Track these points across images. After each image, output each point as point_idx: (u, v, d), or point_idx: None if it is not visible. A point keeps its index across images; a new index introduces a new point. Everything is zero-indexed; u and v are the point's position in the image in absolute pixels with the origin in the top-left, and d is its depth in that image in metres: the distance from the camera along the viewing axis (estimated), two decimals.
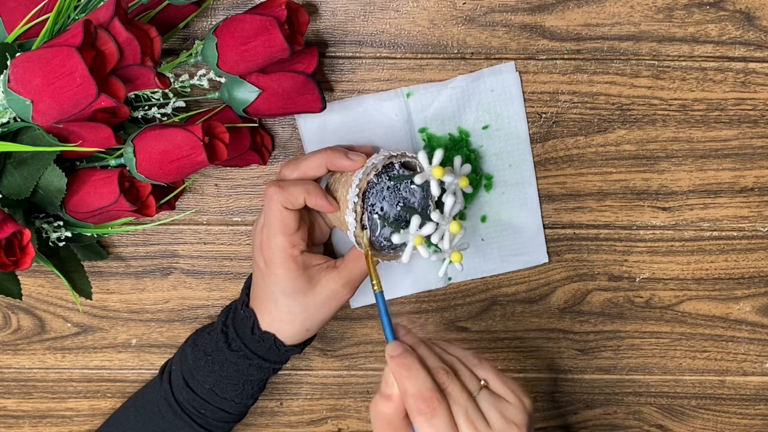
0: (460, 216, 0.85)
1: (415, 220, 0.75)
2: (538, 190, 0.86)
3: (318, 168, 0.78)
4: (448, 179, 0.75)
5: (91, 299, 0.85)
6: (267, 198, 0.78)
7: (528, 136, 0.85)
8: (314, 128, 0.84)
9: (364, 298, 0.89)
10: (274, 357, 0.81)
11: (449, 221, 0.76)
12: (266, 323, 0.80)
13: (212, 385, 0.81)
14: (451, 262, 0.77)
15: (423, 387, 0.70)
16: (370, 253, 0.76)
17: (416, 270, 0.88)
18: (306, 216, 0.81)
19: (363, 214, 0.76)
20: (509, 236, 0.87)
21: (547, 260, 0.88)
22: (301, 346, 0.82)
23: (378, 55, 0.83)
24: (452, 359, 0.74)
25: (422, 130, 0.84)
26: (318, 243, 0.84)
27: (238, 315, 0.82)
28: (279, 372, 0.91)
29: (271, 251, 0.78)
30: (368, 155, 0.78)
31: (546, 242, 0.87)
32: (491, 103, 0.84)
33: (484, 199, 0.86)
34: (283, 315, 0.80)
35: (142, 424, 0.84)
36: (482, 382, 0.72)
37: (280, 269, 0.78)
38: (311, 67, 0.78)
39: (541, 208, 0.86)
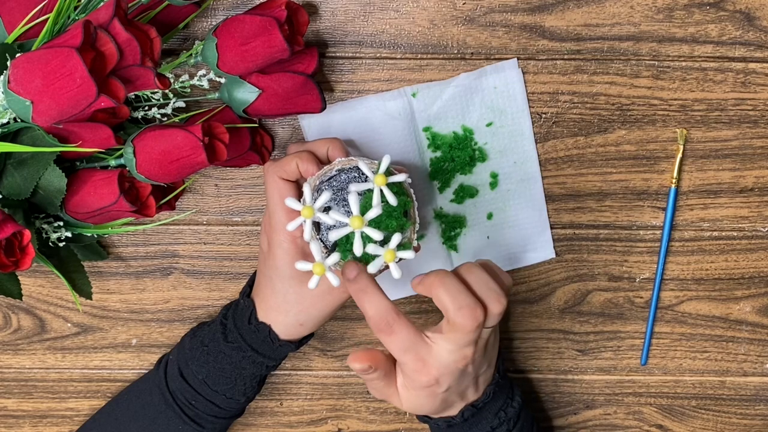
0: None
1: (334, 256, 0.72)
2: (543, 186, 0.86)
3: (321, 149, 0.79)
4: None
5: (91, 299, 0.85)
6: (264, 174, 0.79)
7: (532, 132, 0.85)
8: (317, 129, 0.83)
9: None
10: (268, 351, 0.81)
11: (355, 223, 0.71)
12: (263, 313, 0.80)
13: (205, 376, 0.81)
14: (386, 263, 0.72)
15: (381, 307, 0.72)
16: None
17: (417, 272, 0.88)
18: None
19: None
20: (516, 233, 0.87)
21: (554, 255, 0.88)
22: (296, 344, 0.82)
23: (378, 55, 0.83)
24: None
25: (426, 129, 0.84)
26: None
27: (239, 306, 0.82)
28: (276, 371, 0.91)
29: (272, 229, 0.78)
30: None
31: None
32: (495, 100, 0.84)
33: (489, 197, 0.86)
34: (279, 303, 0.79)
35: (134, 413, 0.84)
36: None
37: (278, 249, 0.78)
38: (311, 68, 0.78)
39: (546, 203, 0.86)
